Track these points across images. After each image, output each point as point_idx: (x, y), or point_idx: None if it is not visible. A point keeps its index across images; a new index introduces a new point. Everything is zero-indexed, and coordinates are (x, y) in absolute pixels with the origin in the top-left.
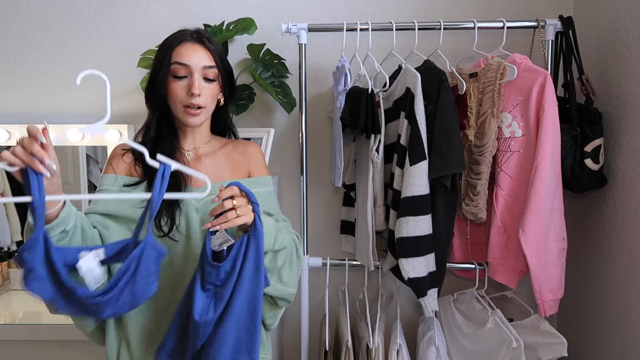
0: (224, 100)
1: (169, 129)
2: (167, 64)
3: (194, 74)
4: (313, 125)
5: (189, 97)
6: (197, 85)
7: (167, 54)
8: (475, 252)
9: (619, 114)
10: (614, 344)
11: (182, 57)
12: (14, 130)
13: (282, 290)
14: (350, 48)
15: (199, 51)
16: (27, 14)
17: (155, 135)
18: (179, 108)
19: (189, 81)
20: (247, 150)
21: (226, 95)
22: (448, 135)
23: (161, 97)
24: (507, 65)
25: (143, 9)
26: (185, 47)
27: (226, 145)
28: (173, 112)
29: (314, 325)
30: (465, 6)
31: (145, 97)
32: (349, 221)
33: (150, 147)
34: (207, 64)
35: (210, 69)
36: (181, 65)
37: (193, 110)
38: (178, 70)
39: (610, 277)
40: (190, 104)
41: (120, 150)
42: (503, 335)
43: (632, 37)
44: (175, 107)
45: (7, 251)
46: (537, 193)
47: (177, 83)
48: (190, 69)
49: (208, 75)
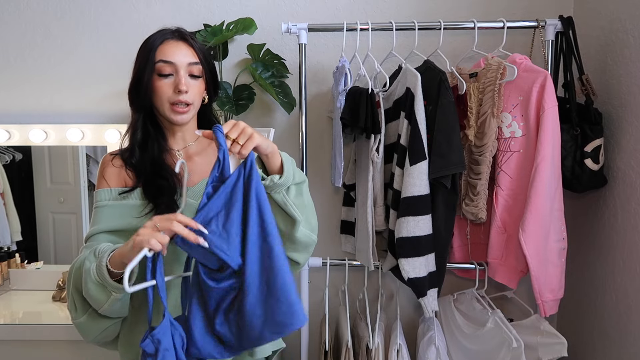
0: (208, 98)
1: (156, 129)
2: (151, 63)
3: (180, 71)
4: (313, 125)
5: (177, 95)
6: (184, 82)
7: (151, 53)
8: (475, 252)
9: (619, 114)
10: (614, 344)
11: (167, 55)
12: (14, 130)
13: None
14: (350, 48)
15: (182, 48)
16: (27, 14)
17: (142, 138)
18: (165, 107)
19: (175, 79)
20: None
21: (210, 92)
22: (448, 135)
23: (147, 98)
24: (507, 65)
25: (143, 9)
26: (169, 45)
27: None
28: (159, 112)
29: (314, 325)
30: (465, 6)
31: (130, 99)
32: (349, 221)
33: (138, 150)
34: (192, 61)
35: (195, 66)
36: (166, 63)
37: (181, 107)
38: (163, 69)
39: (610, 277)
40: (178, 101)
41: (109, 157)
42: (503, 335)
43: (632, 37)
44: (162, 106)
45: (7, 251)
46: (537, 193)
47: (163, 81)
48: (176, 66)
49: (193, 71)
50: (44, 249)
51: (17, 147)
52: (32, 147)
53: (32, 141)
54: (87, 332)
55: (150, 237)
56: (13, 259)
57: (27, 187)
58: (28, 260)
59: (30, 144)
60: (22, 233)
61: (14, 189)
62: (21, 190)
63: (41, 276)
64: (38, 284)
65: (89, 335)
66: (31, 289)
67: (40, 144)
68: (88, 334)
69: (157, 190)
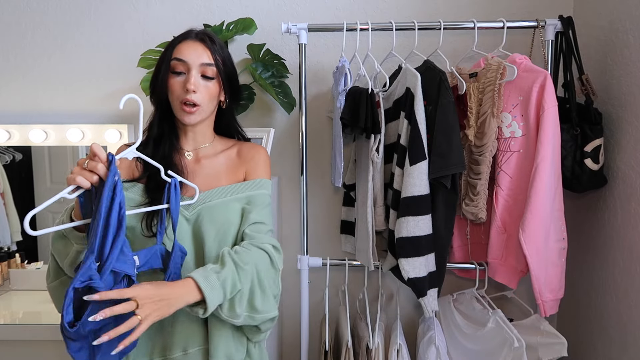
0: (227, 103)
1: (170, 128)
2: (167, 60)
3: (192, 71)
4: (313, 125)
5: (185, 93)
6: (192, 82)
7: (169, 51)
8: (475, 252)
9: (619, 114)
10: (614, 344)
11: (181, 54)
12: (14, 130)
13: (261, 318)
14: (350, 48)
15: (198, 49)
16: (27, 14)
17: (157, 134)
18: (176, 105)
19: (186, 77)
20: (249, 152)
21: (228, 97)
22: (448, 135)
23: (162, 94)
24: (507, 65)
25: (143, 9)
26: (186, 45)
27: (231, 148)
28: (173, 110)
29: (314, 325)
30: (465, 6)
31: (150, 92)
32: (349, 221)
33: (151, 146)
34: (206, 62)
35: (209, 67)
36: (179, 62)
37: (188, 107)
38: (176, 66)
39: (610, 277)
40: (185, 100)
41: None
42: (504, 335)
43: (632, 37)
44: (174, 104)
45: (7, 251)
46: (537, 193)
47: (175, 79)
48: (188, 65)
49: (206, 72)
50: (44, 249)
51: (17, 147)
52: (32, 147)
53: (32, 141)
54: (58, 299)
55: (77, 175)
56: (13, 259)
57: (27, 187)
58: (28, 260)
59: (30, 144)
60: (22, 233)
61: (14, 189)
62: (21, 190)
63: (41, 276)
64: (38, 284)
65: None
66: (31, 289)
67: (40, 144)
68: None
69: (156, 186)
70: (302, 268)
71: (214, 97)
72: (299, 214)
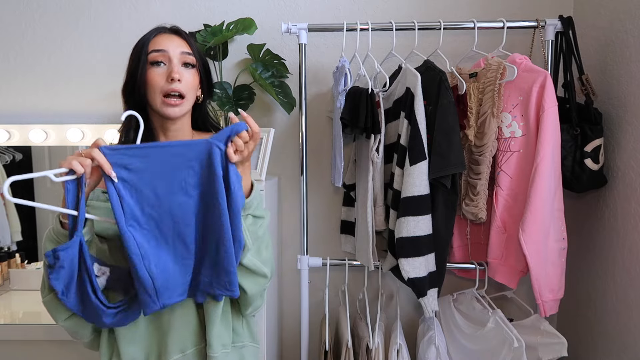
0: (202, 96)
1: (148, 129)
2: (144, 54)
3: (173, 60)
4: (313, 125)
5: (169, 84)
6: (177, 70)
7: (144, 46)
8: (475, 252)
9: (619, 114)
10: (614, 344)
11: (160, 45)
12: (14, 130)
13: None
14: (350, 48)
15: (175, 40)
16: (27, 13)
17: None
18: (158, 100)
19: (168, 67)
20: None
21: (204, 89)
22: (448, 135)
23: (141, 93)
24: (507, 65)
25: (143, 9)
26: (161, 37)
27: None
28: (152, 106)
29: (314, 325)
30: (465, 6)
31: (123, 98)
32: (349, 221)
33: None
34: (186, 50)
35: (189, 55)
36: (159, 52)
37: (173, 100)
38: (156, 57)
39: (610, 277)
40: (171, 90)
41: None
42: (504, 335)
43: (632, 37)
44: (155, 99)
45: (7, 251)
46: (537, 193)
47: (156, 71)
48: (168, 54)
49: (187, 60)
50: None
51: (17, 147)
52: (32, 147)
53: (32, 141)
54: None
55: (72, 160)
56: (13, 259)
57: (27, 187)
58: (28, 260)
59: (30, 144)
60: (22, 233)
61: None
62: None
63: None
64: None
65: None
66: (31, 289)
67: (40, 144)
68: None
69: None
70: (302, 268)
71: (195, 88)
72: (299, 214)
